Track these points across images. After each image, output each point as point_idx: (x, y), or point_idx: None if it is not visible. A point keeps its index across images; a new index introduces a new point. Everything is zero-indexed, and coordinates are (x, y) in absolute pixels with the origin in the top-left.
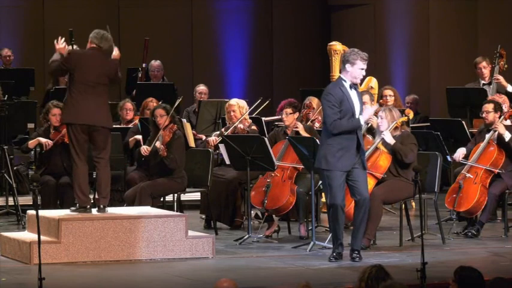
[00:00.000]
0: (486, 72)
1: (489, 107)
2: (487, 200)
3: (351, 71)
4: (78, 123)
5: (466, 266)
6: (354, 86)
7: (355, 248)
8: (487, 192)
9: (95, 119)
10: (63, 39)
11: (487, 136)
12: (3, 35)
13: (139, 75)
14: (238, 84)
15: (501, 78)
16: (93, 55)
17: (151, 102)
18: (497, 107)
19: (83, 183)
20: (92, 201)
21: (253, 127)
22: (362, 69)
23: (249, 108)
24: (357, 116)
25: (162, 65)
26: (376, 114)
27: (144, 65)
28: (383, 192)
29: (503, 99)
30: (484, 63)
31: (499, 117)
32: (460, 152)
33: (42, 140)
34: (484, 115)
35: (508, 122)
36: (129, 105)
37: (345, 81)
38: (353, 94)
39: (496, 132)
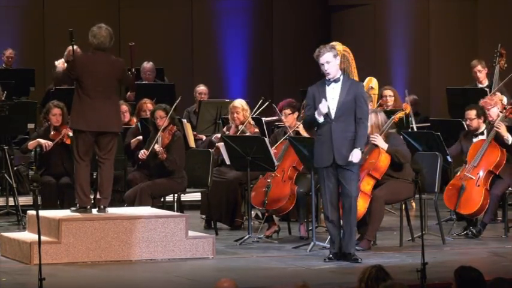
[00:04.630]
0: (481, 76)
1: (472, 113)
2: (489, 201)
3: (322, 70)
4: (88, 131)
5: (466, 266)
6: (342, 79)
7: (348, 252)
8: (489, 195)
9: (104, 125)
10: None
11: (489, 137)
12: (3, 35)
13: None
14: (238, 84)
15: (502, 128)
16: (98, 58)
17: (145, 103)
18: (480, 112)
19: (85, 183)
20: (93, 201)
21: (256, 130)
22: (322, 64)
23: (252, 112)
24: (332, 111)
25: (154, 66)
26: None
27: (133, 70)
28: (384, 194)
29: (494, 102)
30: (479, 67)
31: (484, 121)
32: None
33: (42, 141)
34: (467, 122)
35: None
36: (124, 107)
37: (325, 78)
38: (330, 88)
39: (495, 132)
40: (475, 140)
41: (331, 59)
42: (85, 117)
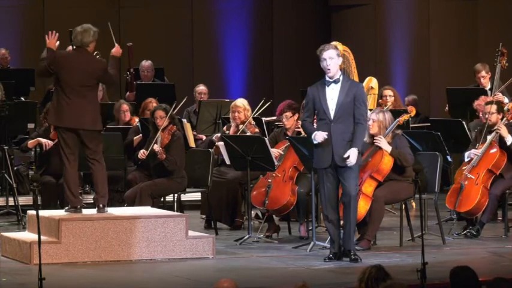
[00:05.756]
0: (485, 81)
1: (492, 108)
2: (488, 200)
3: (322, 67)
4: (63, 126)
5: (460, 266)
6: (341, 80)
7: (347, 249)
8: (488, 193)
9: (78, 122)
10: (56, 33)
11: (489, 137)
12: (3, 35)
13: (129, 79)
14: (238, 84)
15: (503, 128)
16: (78, 56)
17: (151, 103)
18: (500, 108)
19: (72, 184)
20: (93, 201)
21: (256, 130)
22: (324, 59)
23: (253, 112)
24: (331, 112)
25: (153, 65)
26: None
27: (132, 70)
28: (385, 194)
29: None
30: (483, 73)
31: (501, 119)
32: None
33: (42, 140)
34: (487, 116)
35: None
36: (125, 106)
37: (324, 78)
38: (330, 89)
39: (498, 134)
40: (488, 137)
41: (334, 56)
42: (59, 113)
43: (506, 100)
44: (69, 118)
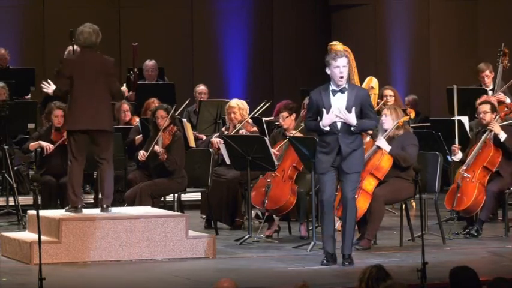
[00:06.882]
0: (488, 80)
1: (486, 107)
2: (486, 197)
3: (330, 73)
4: (79, 129)
5: (460, 266)
6: (347, 88)
7: (343, 253)
8: (485, 190)
9: (95, 123)
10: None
11: (483, 136)
12: (3, 35)
13: (132, 79)
14: (238, 84)
15: (495, 126)
16: (90, 57)
17: (154, 103)
18: (493, 108)
19: (76, 183)
20: (93, 201)
21: (254, 128)
22: (337, 67)
23: (252, 112)
24: (338, 124)
25: (157, 64)
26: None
27: (135, 70)
28: (385, 193)
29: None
30: (487, 72)
31: (495, 118)
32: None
33: (44, 143)
34: (481, 115)
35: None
36: (126, 106)
37: (330, 85)
38: (336, 98)
39: (492, 132)
40: (483, 136)
41: (346, 65)
42: (74, 116)
43: (508, 100)
44: (85, 120)
